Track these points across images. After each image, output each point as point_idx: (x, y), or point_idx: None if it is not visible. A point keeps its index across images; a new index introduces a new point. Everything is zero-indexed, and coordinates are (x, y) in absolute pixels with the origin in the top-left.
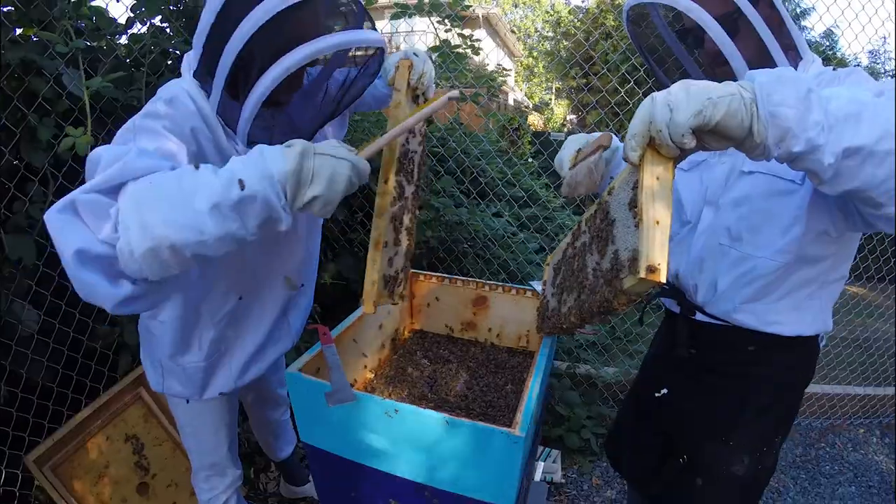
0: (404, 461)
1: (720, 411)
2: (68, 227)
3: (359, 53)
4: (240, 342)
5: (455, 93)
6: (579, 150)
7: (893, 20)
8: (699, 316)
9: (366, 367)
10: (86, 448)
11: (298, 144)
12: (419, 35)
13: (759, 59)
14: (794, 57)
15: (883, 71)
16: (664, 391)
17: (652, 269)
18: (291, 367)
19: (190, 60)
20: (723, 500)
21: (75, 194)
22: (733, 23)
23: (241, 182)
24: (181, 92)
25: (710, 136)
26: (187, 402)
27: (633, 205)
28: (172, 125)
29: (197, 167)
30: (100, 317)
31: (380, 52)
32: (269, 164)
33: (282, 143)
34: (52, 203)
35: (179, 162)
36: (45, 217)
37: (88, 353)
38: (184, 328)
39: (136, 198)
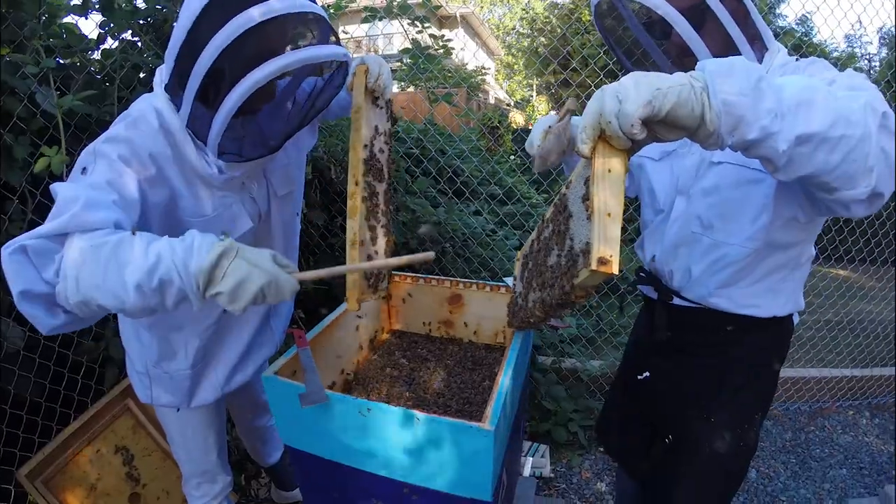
0: (381, 459)
1: (699, 391)
2: (19, 269)
3: (324, 65)
4: (224, 350)
5: (431, 255)
6: (549, 127)
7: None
8: (676, 300)
9: (343, 369)
10: (76, 461)
11: (226, 244)
12: (393, 37)
13: (725, 50)
14: (759, 48)
15: (860, 55)
16: (646, 374)
17: (603, 262)
18: (268, 370)
19: (162, 74)
20: (707, 476)
21: (26, 240)
22: (700, 15)
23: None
24: (148, 109)
25: (661, 126)
26: (177, 410)
27: (586, 198)
28: (130, 152)
29: (134, 233)
30: (84, 332)
31: (344, 65)
32: (190, 256)
33: (251, 154)
34: (31, 221)
35: (129, 194)
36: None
37: (75, 368)
38: (168, 336)
39: (77, 256)
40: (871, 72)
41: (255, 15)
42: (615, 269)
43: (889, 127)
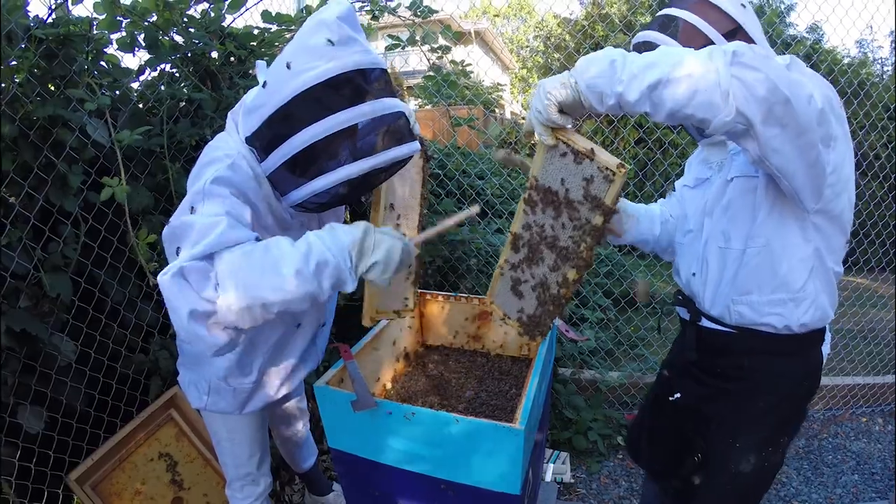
0: (421, 458)
1: (725, 415)
2: (181, 291)
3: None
4: (280, 366)
5: (476, 209)
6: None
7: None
8: (705, 322)
9: (378, 379)
10: (122, 466)
11: (362, 224)
12: (409, 56)
13: None
14: None
15: (872, 59)
16: (677, 395)
17: (621, 165)
18: (319, 381)
19: (237, 121)
20: (730, 492)
21: (182, 263)
22: (700, 36)
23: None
24: (239, 156)
25: (568, 109)
26: (231, 416)
27: (575, 156)
28: (237, 191)
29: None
30: (131, 346)
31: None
32: (340, 236)
33: (327, 208)
34: (83, 244)
35: (248, 223)
36: (160, 281)
37: (122, 379)
38: (242, 356)
39: (232, 266)
40: (884, 75)
41: (365, 111)
42: (626, 168)
43: (742, 61)
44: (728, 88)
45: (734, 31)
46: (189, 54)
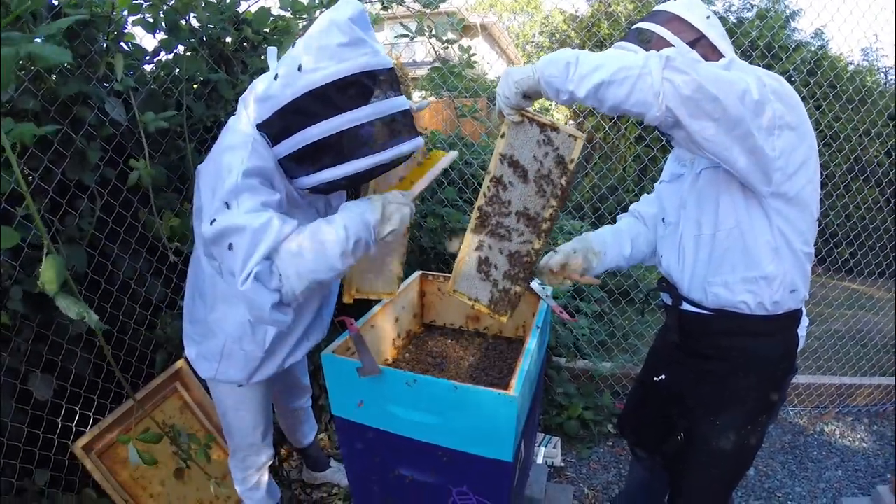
0: (420, 426)
1: (706, 394)
2: (258, 292)
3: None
4: (288, 336)
5: (455, 153)
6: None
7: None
8: (686, 306)
9: (378, 356)
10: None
11: (378, 197)
12: (415, 47)
13: None
14: (716, 58)
15: (877, 68)
16: (662, 377)
17: (579, 135)
18: (326, 350)
19: (247, 105)
20: (711, 470)
21: (253, 269)
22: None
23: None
24: (257, 143)
25: (531, 96)
26: (238, 386)
27: (541, 128)
28: (264, 177)
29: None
30: (139, 319)
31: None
32: (366, 216)
33: (334, 189)
34: (99, 217)
35: (279, 209)
36: (244, 291)
37: (129, 351)
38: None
39: (290, 258)
40: (888, 84)
41: (371, 112)
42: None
43: (675, 66)
44: (660, 89)
45: (697, 40)
46: (204, 38)
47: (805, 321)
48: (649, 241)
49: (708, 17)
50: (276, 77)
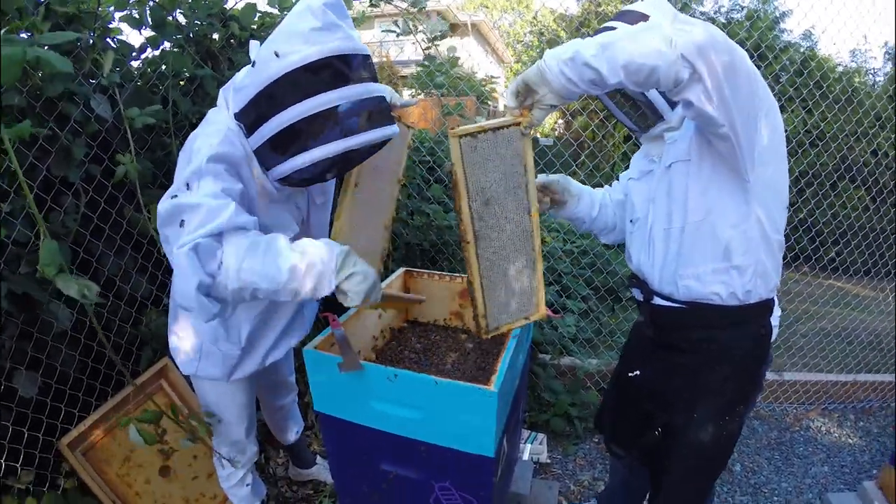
0: (402, 421)
1: (681, 387)
2: (193, 264)
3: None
4: (267, 333)
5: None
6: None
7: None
8: (657, 301)
9: (360, 352)
10: (113, 433)
11: (353, 253)
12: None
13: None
14: None
15: (866, 70)
16: (637, 372)
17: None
18: (308, 346)
19: (227, 97)
20: (691, 463)
21: (197, 239)
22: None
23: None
24: (230, 131)
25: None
26: (220, 383)
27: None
28: (230, 165)
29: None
30: (125, 316)
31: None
32: (332, 245)
33: (308, 183)
34: (83, 214)
35: (238, 200)
36: (176, 253)
37: (114, 349)
38: (229, 323)
39: (239, 249)
40: (875, 86)
41: (342, 95)
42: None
43: (682, 19)
44: (671, 37)
45: None
46: (191, 35)
47: (777, 311)
48: (610, 217)
49: (675, 17)
50: (253, 64)
